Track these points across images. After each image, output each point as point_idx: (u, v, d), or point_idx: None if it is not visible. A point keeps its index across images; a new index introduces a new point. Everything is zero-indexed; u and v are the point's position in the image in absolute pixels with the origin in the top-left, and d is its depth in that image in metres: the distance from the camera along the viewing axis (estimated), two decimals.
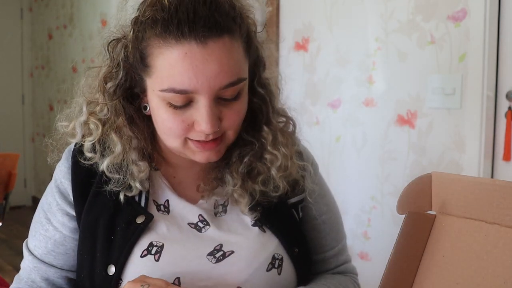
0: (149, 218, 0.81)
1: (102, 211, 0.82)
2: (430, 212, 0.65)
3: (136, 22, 0.77)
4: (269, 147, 0.85)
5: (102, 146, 0.84)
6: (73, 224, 0.85)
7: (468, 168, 1.82)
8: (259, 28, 0.83)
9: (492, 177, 1.82)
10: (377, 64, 2.10)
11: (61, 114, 0.88)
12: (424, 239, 0.64)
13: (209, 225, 0.84)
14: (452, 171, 1.85)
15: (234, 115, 0.78)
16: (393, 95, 2.05)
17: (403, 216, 0.63)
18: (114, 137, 0.82)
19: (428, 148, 1.94)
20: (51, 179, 0.91)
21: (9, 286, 0.99)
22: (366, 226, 2.19)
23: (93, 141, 0.84)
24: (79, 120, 0.85)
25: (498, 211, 0.58)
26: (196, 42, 0.71)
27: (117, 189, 0.82)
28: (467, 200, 0.61)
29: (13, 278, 0.92)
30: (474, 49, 1.77)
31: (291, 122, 0.92)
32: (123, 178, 0.82)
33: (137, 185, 0.82)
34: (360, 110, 2.18)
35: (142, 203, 0.83)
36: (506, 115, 1.77)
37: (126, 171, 0.82)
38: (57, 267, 0.86)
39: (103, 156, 0.83)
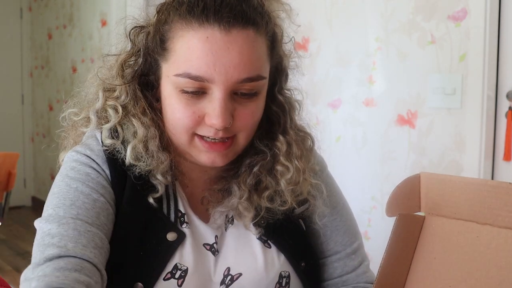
0: (182, 236, 0.76)
1: (133, 225, 0.76)
2: (419, 213, 0.64)
3: (161, 6, 0.76)
4: (282, 158, 0.81)
5: (123, 131, 0.78)
6: (113, 197, 0.75)
7: (468, 168, 1.82)
8: (286, 39, 0.81)
9: (492, 177, 1.82)
10: (377, 64, 2.10)
11: (70, 101, 0.84)
12: (414, 241, 0.63)
13: (218, 252, 0.80)
14: (452, 171, 1.85)
15: (248, 116, 0.74)
16: (393, 95, 2.05)
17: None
18: (135, 121, 0.77)
19: (428, 148, 1.94)
20: (51, 179, 0.87)
21: (9, 286, 0.99)
22: (366, 226, 2.18)
23: (113, 125, 0.78)
24: (94, 107, 0.81)
25: (489, 211, 0.58)
26: (220, 28, 0.69)
27: (147, 168, 0.75)
28: (457, 201, 0.60)
29: (12, 279, 0.89)
30: (475, 49, 1.77)
31: (309, 138, 0.87)
32: (149, 163, 0.76)
33: (159, 177, 0.76)
34: (360, 110, 2.18)
35: (172, 218, 0.78)
36: (506, 115, 1.77)
37: (147, 160, 0.76)
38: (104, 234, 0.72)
39: (123, 143, 0.77)
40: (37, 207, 4.82)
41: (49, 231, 0.68)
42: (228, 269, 0.79)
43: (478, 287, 0.57)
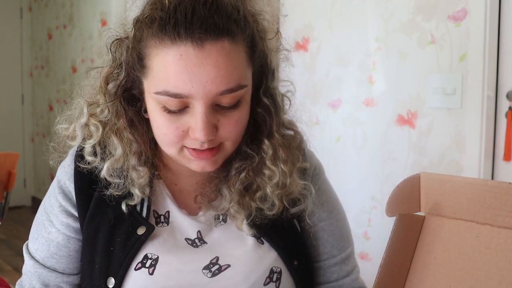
0: (150, 230, 0.79)
1: (102, 222, 0.81)
2: (419, 213, 0.64)
3: (137, 21, 0.75)
4: (268, 162, 0.81)
5: (103, 149, 0.82)
6: (77, 224, 0.83)
7: (468, 168, 1.81)
8: (270, 35, 0.80)
9: (492, 177, 1.82)
10: (377, 64, 2.10)
11: (61, 116, 0.86)
12: (414, 241, 0.63)
13: (206, 243, 0.82)
14: (452, 171, 1.85)
15: (232, 125, 0.74)
16: (393, 95, 2.05)
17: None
18: (114, 139, 0.80)
19: (429, 148, 1.94)
20: (50, 179, 0.90)
21: (9, 286, 0.99)
22: (366, 226, 2.18)
23: (93, 144, 0.82)
24: (79, 122, 0.83)
25: (489, 211, 0.58)
26: (192, 44, 0.68)
27: (117, 193, 0.80)
28: (457, 201, 0.60)
29: (12, 278, 0.91)
30: (475, 49, 1.77)
31: (298, 136, 0.87)
32: (124, 183, 0.80)
33: (137, 191, 0.80)
34: (360, 110, 2.18)
35: (144, 214, 0.81)
36: (506, 115, 1.77)
37: (126, 176, 0.80)
38: (58, 272, 0.84)
39: (103, 160, 0.81)
40: (37, 207, 4.81)
41: (24, 266, 0.87)
42: (217, 258, 0.80)
43: (478, 287, 0.57)
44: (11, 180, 2.55)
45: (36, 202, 5.08)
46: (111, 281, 0.77)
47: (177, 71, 0.69)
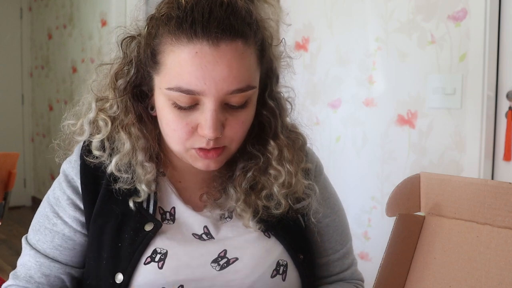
0: (158, 226, 0.81)
1: (109, 219, 0.81)
2: (419, 213, 0.64)
3: (151, 19, 0.77)
4: (274, 163, 0.83)
5: (111, 144, 0.83)
6: (83, 218, 0.84)
7: (468, 168, 1.81)
8: (275, 42, 0.82)
9: (492, 177, 1.82)
10: (377, 64, 2.10)
11: (68, 112, 0.87)
12: (414, 241, 0.63)
13: (213, 238, 0.83)
14: (452, 171, 1.85)
15: (238, 125, 0.76)
16: (393, 95, 2.05)
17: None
18: (123, 135, 0.81)
19: (429, 148, 1.94)
20: (51, 179, 0.91)
21: None
22: (366, 226, 2.18)
23: (102, 138, 0.83)
24: (87, 117, 0.84)
25: (489, 211, 0.58)
26: (208, 43, 0.70)
27: (126, 187, 0.81)
28: (457, 201, 0.60)
29: None
30: (475, 49, 1.77)
31: (301, 138, 0.90)
32: (132, 177, 0.82)
33: (143, 187, 0.82)
34: (360, 110, 2.18)
35: (151, 210, 0.83)
36: (506, 115, 1.77)
37: (134, 171, 0.82)
38: (61, 263, 0.84)
39: (110, 155, 0.83)
40: (37, 207, 4.81)
41: (20, 257, 0.87)
42: (225, 251, 0.81)
43: (478, 287, 0.57)
44: (11, 180, 2.55)
45: (36, 202, 5.08)
46: (119, 277, 0.78)
47: (191, 68, 0.71)
